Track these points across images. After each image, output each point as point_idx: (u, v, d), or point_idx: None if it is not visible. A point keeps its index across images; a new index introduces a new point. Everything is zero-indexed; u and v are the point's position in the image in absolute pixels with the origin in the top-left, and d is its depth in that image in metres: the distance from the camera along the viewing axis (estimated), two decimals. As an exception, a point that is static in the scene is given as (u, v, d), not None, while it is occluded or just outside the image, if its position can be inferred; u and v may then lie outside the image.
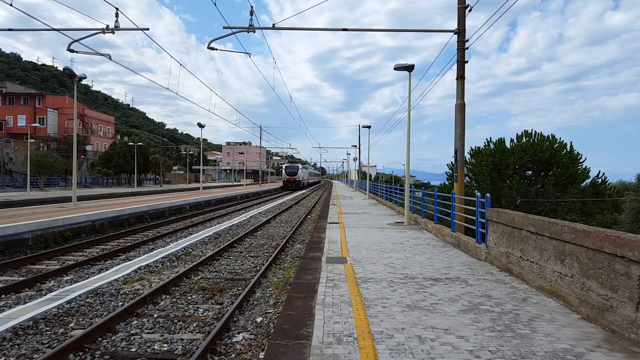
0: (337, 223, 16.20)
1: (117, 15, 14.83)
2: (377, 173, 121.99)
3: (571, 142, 27.61)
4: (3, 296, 7.99)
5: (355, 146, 67.14)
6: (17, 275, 9.77)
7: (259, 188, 56.17)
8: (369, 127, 38.31)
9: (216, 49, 16.14)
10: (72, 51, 15.86)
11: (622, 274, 4.80)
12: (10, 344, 5.64)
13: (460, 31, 14.37)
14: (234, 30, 15.64)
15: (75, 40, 15.42)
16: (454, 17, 14.66)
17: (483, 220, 9.50)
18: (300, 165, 72.63)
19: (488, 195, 9.65)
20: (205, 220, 21.05)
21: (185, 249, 12.45)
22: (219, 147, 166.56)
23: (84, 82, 22.97)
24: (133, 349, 5.65)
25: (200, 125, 39.80)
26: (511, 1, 11.99)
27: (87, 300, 7.55)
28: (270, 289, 8.67)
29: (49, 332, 6.14)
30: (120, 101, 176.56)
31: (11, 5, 11.87)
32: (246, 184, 74.09)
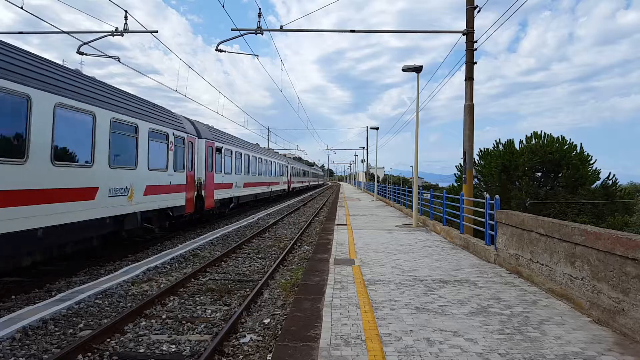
0: (345, 225, 16.18)
1: (126, 17, 14.94)
2: (385, 174, 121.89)
3: (581, 144, 27.39)
4: (13, 297, 8.05)
5: (363, 148, 67.17)
6: (27, 276, 9.84)
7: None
8: (377, 128, 38.25)
9: (224, 51, 16.19)
10: (81, 54, 15.97)
11: (634, 276, 4.74)
12: (20, 344, 5.68)
13: (469, 32, 14.30)
14: (242, 32, 15.69)
15: (85, 43, 15.55)
16: (463, 17, 14.61)
17: (492, 222, 9.43)
18: None
19: (497, 197, 9.58)
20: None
21: (193, 251, 12.49)
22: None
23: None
24: (141, 350, 5.66)
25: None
26: (521, 1, 11.92)
27: (96, 301, 7.59)
28: (278, 290, 8.66)
29: (58, 333, 6.17)
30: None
31: (21, 8, 12.00)
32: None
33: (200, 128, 18.10)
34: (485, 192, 22.15)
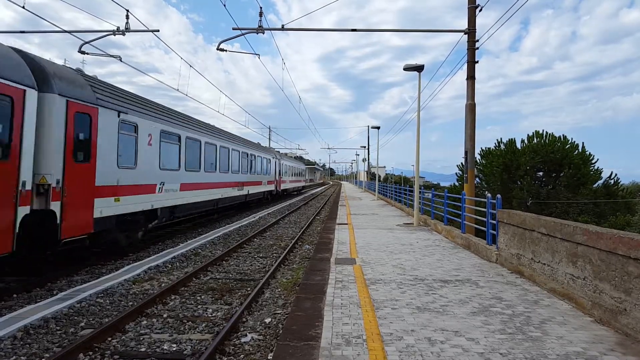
0: (346, 224, 16.17)
1: (127, 17, 14.92)
2: (386, 174, 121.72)
3: (583, 143, 27.36)
4: (15, 295, 8.06)
5: (364, 147, 67.06)
6: (28, 275, 9.85)
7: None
8: (378, 127, 38.24)
9: (225, 50, 16.17)
10: (83, 53, 15.97)
11: (636, 276, 4.73)
12: (22, 343, 5.68)
13: (471, 31, 14.28)
14: (244, 31, 15.68)
15: (86, 42, 15.54)
16: (464, 16, 14.58)
17: (493, 222, 9.41)
18: None
19: (499, 196, 9.56)
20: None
21: (194, 250, 12.50)
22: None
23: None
24: (142, 349, 5.66)
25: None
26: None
27: (97, 300, 7.60)
28: (279, 289, 8.66)
29: (60, 332, 6.18)
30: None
31: (23, 7, 12.00)
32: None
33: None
34: (486, 192, 22.11)
